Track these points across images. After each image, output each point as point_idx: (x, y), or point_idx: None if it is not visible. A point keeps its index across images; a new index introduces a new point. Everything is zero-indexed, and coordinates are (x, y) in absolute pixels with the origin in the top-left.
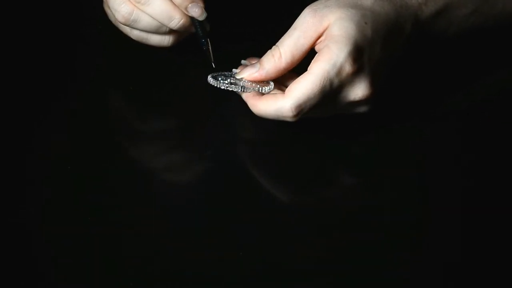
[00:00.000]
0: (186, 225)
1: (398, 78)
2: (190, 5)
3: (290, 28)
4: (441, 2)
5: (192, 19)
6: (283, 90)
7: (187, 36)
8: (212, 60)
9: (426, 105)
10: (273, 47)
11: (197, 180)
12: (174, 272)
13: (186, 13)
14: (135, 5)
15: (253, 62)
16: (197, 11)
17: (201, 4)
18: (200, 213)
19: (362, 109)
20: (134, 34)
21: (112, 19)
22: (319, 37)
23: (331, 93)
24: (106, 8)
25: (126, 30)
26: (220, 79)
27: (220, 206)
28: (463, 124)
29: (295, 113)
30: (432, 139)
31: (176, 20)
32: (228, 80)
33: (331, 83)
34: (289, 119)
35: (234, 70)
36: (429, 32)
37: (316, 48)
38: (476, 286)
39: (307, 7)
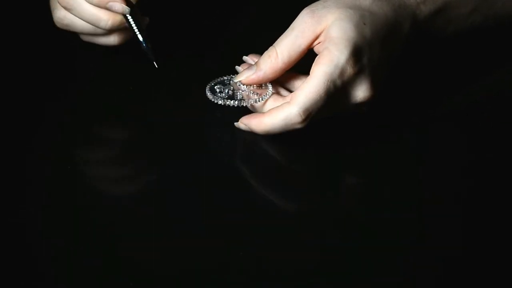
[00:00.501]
0: (186, 225)
1: (398, 78)
2: (108, 4)
3: (288, 29)
4: (439, 1)
5: (125, 18)
6: (281, 94)
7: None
8: (154, 60)
9: (426, 105)
10: (270, 47)
11: (197, 181)
12: (174, 272)
13: (109, 16)
14: (66, 11)
15: (255, 59)
16: (117, 8)
17: (119, 0)
18: (200, 214)
19: (363, 109)
20: (81, 36)
21: None
22: (317, 37)
23: (335, 94)
24: None
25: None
26: (218, 90)
27: (220, 207)
28: (463, 124)
29: (303, 117)
30: (432, 139)
31: (104, 21)
32: (226, 91)
33: (334, 84)
34: (298, 126)
35: (233, 76)
36: (428, 31)
37: (316, 50)
38: (477, 286)
39: (305, 8)
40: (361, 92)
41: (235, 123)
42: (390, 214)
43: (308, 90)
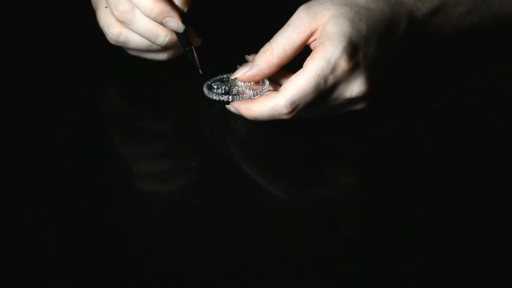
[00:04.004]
0: (185, 225)
1: (397, 77)
2: (165, 19)
3: (284, 25)
4: (437, 0)
5: (177, 35)
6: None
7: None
8: (199, 67)
9: (425, 104)
10: (266, 44)
11: (196, 181)
12: (173, 272)
13: (167, 31)
14: (122, 26)
15: None
16: (172, 25)
17: (175, 17)
18: (199, 214)
19: (360, 106)
20: (130, 51)
21: None
22: (312, 33)
23: (326, 90)
24: None
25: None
26: (215, 86)
27: (219, 207)
28: (462, 123)
29: (290, 109)
30: (430, 138)
31: (162, 37)
32: (223, 87)
33: (325, 80)
34: (284, 117)
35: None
36: (427, 30)
37: (312, 46)
38: (475, 285)
39: (302, 5)
40: (356, 86)
41: (226, 106)
42: (388, 213)
43: (298, 83)
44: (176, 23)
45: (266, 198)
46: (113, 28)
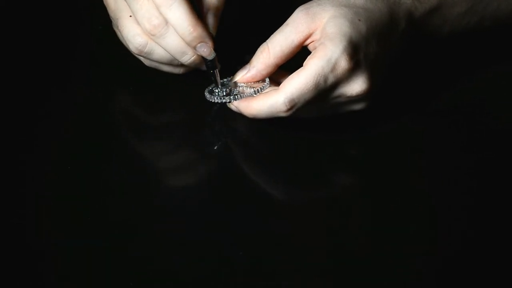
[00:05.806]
0: (185, 225)
1: (396, 78)
2: (199, 44)
3: (282, 25)
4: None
5: (204, 61)
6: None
7: None
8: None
9: (424, 104)
10: (262, 44)
11: (196, 181)
12: (174, 272)
13: (195, 51)
14: (149, 37)
15: None
16: (205, 51)
17: (210, 44)
18: (200, 213)
19: (360, 106)
20: (147, 62)
21: (121, 40)
22: (310, 34)
23: (326, 89)
24: (115, 29)
25: (140, 57)
26: (216, 90)
27: (219, 206)
28: (461, 124)
29: (288, 107)
30: (429, 138)
31: (188, 56)
32: (224, 90)
33: (325, 79)
34: (282, 114)
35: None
36: (425, 30)
37: (310, 47)
38: (475, 285)
39: (300, 6)
40: (357, 85)
41: (227, 104)
42: (388, 212)
43: (297, 81)
44: (209, 49)
45: (266, 198)
46: (139, 38)
